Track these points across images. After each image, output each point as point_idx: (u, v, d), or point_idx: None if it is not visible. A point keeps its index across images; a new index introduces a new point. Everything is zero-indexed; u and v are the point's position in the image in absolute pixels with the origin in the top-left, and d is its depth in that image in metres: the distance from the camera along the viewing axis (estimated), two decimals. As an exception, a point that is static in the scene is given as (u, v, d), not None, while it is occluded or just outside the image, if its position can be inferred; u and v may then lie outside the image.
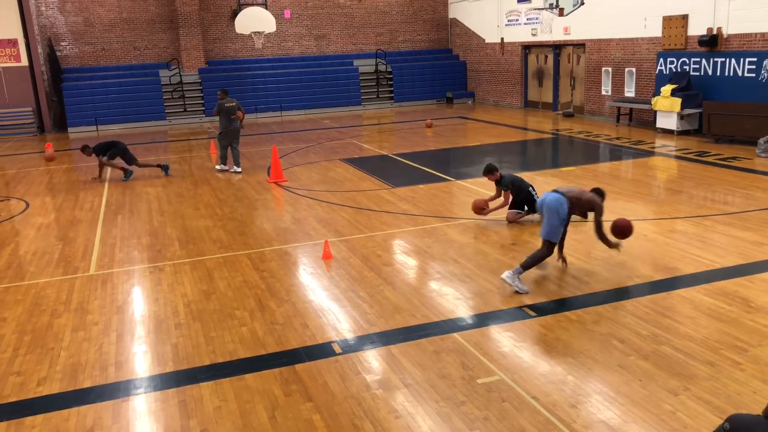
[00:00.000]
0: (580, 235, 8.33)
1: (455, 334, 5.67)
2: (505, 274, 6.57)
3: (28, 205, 11.49)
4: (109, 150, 13.24)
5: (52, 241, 9.23)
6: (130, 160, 13.40)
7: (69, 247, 8.87)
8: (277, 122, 22.37)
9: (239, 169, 13.60)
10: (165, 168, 13.70)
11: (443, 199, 10.62)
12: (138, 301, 6.84)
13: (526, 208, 9.09)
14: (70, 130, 21.94)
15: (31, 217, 10.64)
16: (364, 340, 5.66)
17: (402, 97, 25.67)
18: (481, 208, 9.10)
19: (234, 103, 13.65)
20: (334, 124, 20.91)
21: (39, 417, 4.67)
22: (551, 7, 15.54)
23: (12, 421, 4.62)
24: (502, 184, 9.06)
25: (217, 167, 13.94)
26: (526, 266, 6.58)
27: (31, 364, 5.48)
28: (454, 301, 6.45)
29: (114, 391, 5.02)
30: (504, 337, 5.59)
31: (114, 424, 4.54)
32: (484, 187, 11.08)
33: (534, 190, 9.14)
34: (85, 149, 13.37)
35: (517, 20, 22.54)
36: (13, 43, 21.17)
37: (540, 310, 6.11)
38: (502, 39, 23.48)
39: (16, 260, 8.43)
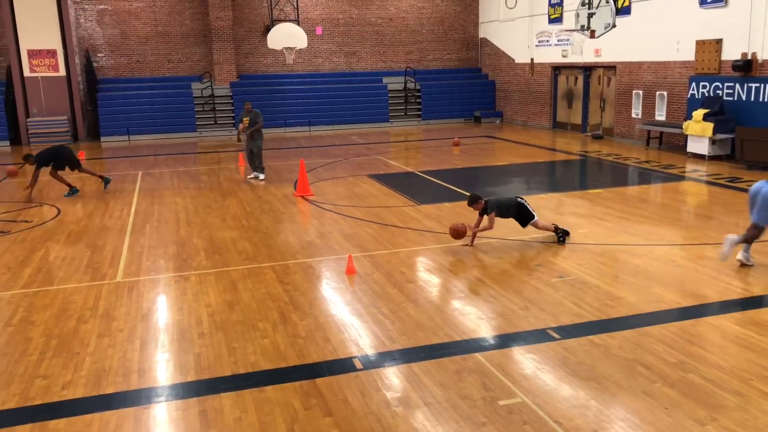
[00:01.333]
0: (605, 258, 8.23)
1: (477, 354, 5.63)
2: (733, 239, 7.45)
3: (59, 211, 11.72)
4: (53, 160, 12.91)
5: (82, 247, 9.39)
6: (74, 165, 13.15)
7: (97, 254, 9.01)
8: (305, 137, 22.56)
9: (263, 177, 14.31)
10: (106, 181, 13.58)
11: (468, 217, 10.55)
12: (163, 310, 6.91)
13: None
14: (102, 139, 22.38)
15: (62, 224, 10.84)
16: (385, 357, 5.64)
17: (430, 115, 25.73)
18: (461, 233, 8.71)
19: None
20: (362, 140, 21.03)
21: (63, 421, 4.72)
22: (582, 28, 15.50)
23: (36, 424, 4.68)
24: (487, 210, 8.79)
25: (253, 176, 14.39)
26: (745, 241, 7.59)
27: (56, 368, 5.56)
28: (476, 320, 6.40)
29: (136, 398, 5.06)
30: (527, 359, 5.53)
31: (135, 431, 4.58)
32: (510, 207, 11.01)
33: (524, 201, 8.98)
34: (27, 158, 12.97)
35: (547, 41, 22.52)
36: (52, 53, 21.73)
37: (564, 332, 6.04)
38: (532, 59, 23.47)
39: (46, 265, 8.58)
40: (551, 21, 22.09)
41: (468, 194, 9.17)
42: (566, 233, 8.99)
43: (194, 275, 7.96)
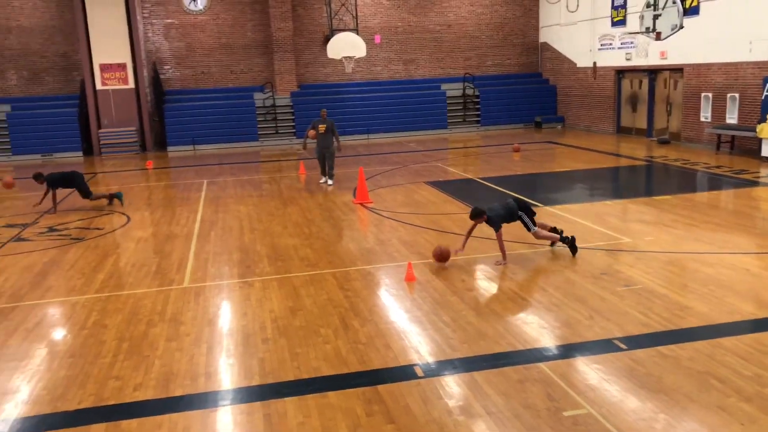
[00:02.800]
0: (673, 266, 7.96)
1: (541, 364, 5.53)
2: None
3: (129, 219, 12.16)
4: (62, 184, 12.97)
5: (150, 254, 9.72)
6: (85, 193, 13.10)
7: (165, 260, 9.30)
8: (364, 145, 22.73)
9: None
10: (118, 197, 13.40)
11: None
12: (228, 315, 7.07)
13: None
14: (169, 149, 23.13)
15: (131, 231, 11.25)
16: (446, 365, 5.61)
17: (489, 121, 25.52)
18: (445, 258, 8.30)
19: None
20: (420, 147, 21.03)
21: (134, 421, 4.89)
22: (648, 30, 15.08)
23: (111, 423, 4.86)
24: (491, 223, 8.48)
25: (330, 182, 14.80)
26: None
27: (128, 370, 5.76)
28: (539, 329, 6.30)
29: (203, 400, 5.20)
30: (592, 370, 5.39)
31: (202, 433, 4.70)
32: (575, 214, 10.81)
33: (520, 210, 8.65)
34: (37, 177, 13.04)
35: (610, 44, 22.02)
36: (122, 67, 22.63)
37: (631, 343, 5.87)
38: (595, 63, 22.99)
39: (117, 271, 8.92)
40: (614, 24, 21.59)
41: (522, 200, 8.98)
42: (574, 241, 8.56)
43: (258, 281, 8.12)
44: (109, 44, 22.30)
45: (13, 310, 7.44)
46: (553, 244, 8.85)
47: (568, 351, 5.81)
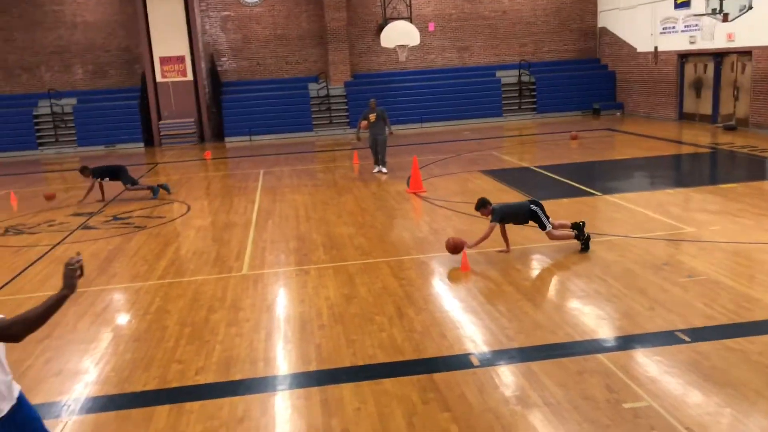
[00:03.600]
0: (740, 257, 7.67)
1: (599, 355, 5.43)
2: None
3: (189, 208, 12.49)
4: (109, 173, 13.38)
5: (209, 242, 9.96)
6: (132, 181, 13.49)
7: (224, 248, 9.52)
8: (418, 133, 22.67)
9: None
10: (165, 187, 13.70)
11: (588, 214, 10.21)
12: (285, 302, 7.20)
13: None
14: (226, 139, 23.60)
15: (192, 219, 11.55)
16: (502, 355, 5.57)
17: (545, 108, 25.06)
18: (459, 247, 8.07)
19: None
20: (474, 136, 20.84)
21: (196, 404, 5.04)
22: (714, 12, 14.49)
23: (174, 405, 5.03)
24: (493, 216, 8.28)
25: (381, 171, 14.83)
26: None
27: (190, 354, 5.94)
28: (598, 320, 6.18)
29: (262, 385, 5.31)
30: (653, 362, 5.26)
31: (262, 417, 4.81)
32: (634, 203, 10.54)
33: (539, 208, 8.33)
34: (84, 170, 13.49)
35: (673, 27, 21.26)
36: (181, 59, 23.18)
37: (695, 335, 5.69)
38: (656, 48, 22.25)
39: (178, 258, 9.19)
40: (678, 6, 20.80)
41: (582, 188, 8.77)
42: (588, 238, 8.22)
43: (314, 269, 8.23)
44: (168, 37, 22.87)
45: (81, 295, 7.75)
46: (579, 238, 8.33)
47: (628, 342, 5.68)
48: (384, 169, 14.81)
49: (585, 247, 8.18)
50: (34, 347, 6.26)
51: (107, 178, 13.46)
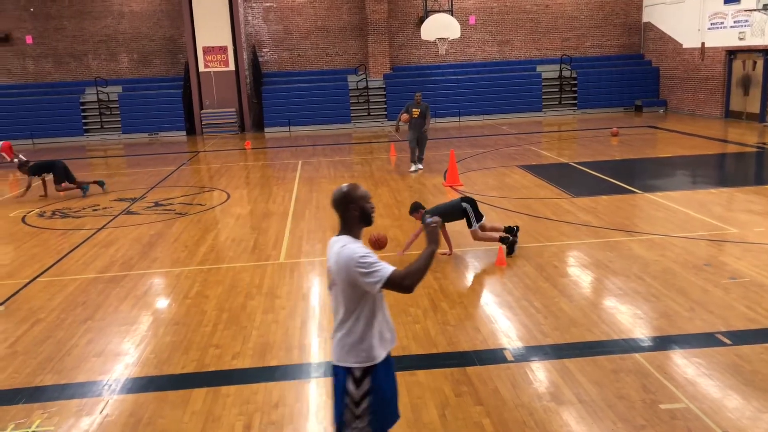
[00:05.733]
0: (787, 261, 7.47)
1: (636, 355, 5.36)
2: None
3: (228, 196, 12.68)
4: (46, 170, 13.01)
5: (248, 230, 10.11)
6: (71, 178, 13.09)
7: (262, 236, 9.65)
8: (455, 127, 22.57)
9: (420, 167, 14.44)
10: (100, 183, 13.49)
11: (628, 211, 10.06)
12: (321, 291, 7.27)
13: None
14: (266, 130, 23.85)
15: (231, 208, 11.73)
16: (537, 351, 5.55)
17: (586, 104, 24.68)
18: (381, 245, 7.94)
19: None
20: (513, 131, 20.66)
21: (233, 387, 5.14)
22: (765, 8, 14.07)
23: (211, 389, 5.14)
24: (423, 218, 8.19)
25: (420, 167, 14.47)
26: None
27: (227, 339, 6.06)
28: (635, 319, 6.10)
29: (297, 372, 5.39)
30: (692, 363, 5.18)
31: (296, 403, 4.88)
32: (675, 202, 10.34)
33: (468, 203, 8.22)
34: (22, 167, 13.19)
35: (722, 23, 20.71)
36: (223, 50, 23.47)
37: (735, 338, 5.58)
38: (703, 44, 21.70)
39: (217, 245, 9.35)
40: (727, 1, 20.25)
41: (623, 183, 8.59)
42: (514, 243, 8.11)
43: (349, 260, 8.26)
44: (211, 28, 23.17)
45: (124, 278, 7.96)
46: (503, 241, 8.19)
47: (665, 343, 5.60)
48: (420, 166, 14.51)
49: (510, 250, 8.07)
50: (78, 327, 6.46)
51: (44, 174, 13.07)
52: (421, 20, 23.14)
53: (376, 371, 3.39)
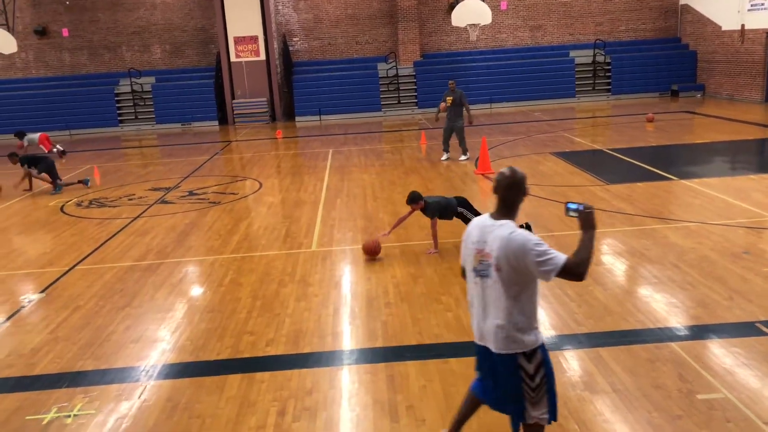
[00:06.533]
0: (831, 248, 7.27)
1: (672, 344, 5.28)
2: None
3: (261, 185, 12.79)
4: (36, 163, 13.16)
5: (280, 218, 10.20)
6: (54, 177, 13.17)
7: (294, 224, 9.73)
8: (486, 114, 22.38)
9: (448, 157, 14.16)
10: (85, 182, 13.48)
11: (664, 199, 9.88)
12: (352, 279, 7.31)
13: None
14: (297, 119, 23.96)
15: (263, 196, 11.84)
16: (570, 339, 5.50)
17: (621, 89, 24.23)
18: (374, 250, 7.82)
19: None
20: (545, 117, 20.40)
21: (267, 374, 5.21)
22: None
23: (245, 375, 5.22)
24: (428, 211, 8.00)
25: (463, 158, 14.06)
26: None
27: (261, 326, 6.13)
28: (672, 308, 6.00)
29: (330, 358, 5.44)
30: (730, 353, 5.08)
31: (330, 389, 4.93)
32: (713, 189, 10.12)
33: (465, 209, 8.06)
34: (12, 156, 13.43)
35: (762, 4, 20.09)
36: (254, 39, 23.59)
37: (776, 327, 5.46)
38: (743, 26, 21.10)
39: (250, 233, 9.45)
40: (768, -19, 19.64)
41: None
42: None
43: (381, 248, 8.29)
44: (242, 18, 23.29)
45: (159, 266, 8.11)
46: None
47: (703, 332, 5.50)
48: (463, 157, 14.04)
49: None
50: (116, 314, 6.61)
51: (32, 167, 13.18)
52: (452, 6, 22.93)
53: (542, 344, 3.45)
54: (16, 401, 5.02)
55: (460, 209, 8.07)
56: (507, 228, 3.34)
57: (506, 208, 3.43)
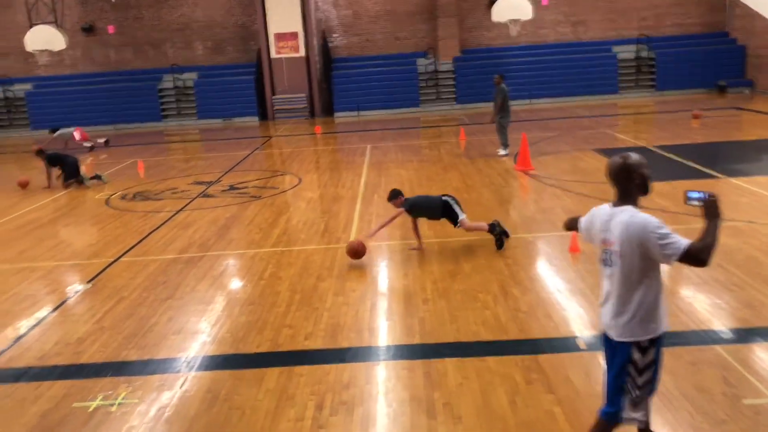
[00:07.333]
0: None
1: (717, 347, 5.16)
2: None
3: (300, 180, 12.91)
4: (61, 164, 13.38)
5: (319, 213, 10.28)
6: (75, 174, 13.36)
7: (333, 219, 9.79)
8: (526, 110, 22.13)
9: (506, 152, 13.98)
10: (100, 177, 13.61)
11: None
12: (390, 274, 7.33)
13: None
14: (335, 114, 24.07)
15: (302, 191, 11.94)
16: (611, 339, 5.41)
17: (665, 85, 23.70)
18: (359, 252, 7.62)
19: (508, 88, 14.11)
20: (587, 113, 20.08)
21: (305, 368, 5.27)
22: None
23: (285, 368, 5.28)
24: (412, 212, 7.89)
25: (501, 152, 14.02)
26: None
27: (300, 320, 6.20)
28: (716, 310, 5.86)
29: (367, 354, 5.47)
30: (778, 357, 4.94)
31: (367, 384, 4.95)
32: (762, 187, 9.83)
33: (451, 199, 7.90)
34: (39, 153, 13.56)
35: (816, -4, 19.38)
36: (294, 36, 23.77)
37: (827, 332, 5.28)
38: (795, 19, 20.40)
39: (290, 228, 9.56)
40: (823, -28, 18.93)
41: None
42: (504, 234, 7.80)
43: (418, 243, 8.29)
44: (282, 14, 23.48)
45: (201, 258, 8.26)
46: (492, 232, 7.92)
47: (749, 335, 5.36)
48: (501, 151, 14.03)
49: (500, 243, 7.80)
50: (159, 306, 6.76)
51: (56, 166, 13.45)
52: (492, 2, 22.72)
53: (660, 340, 3.39)
54: (64, 388, 5.18)
55: (446, 199, 7.90)
56: (627, 213, 3.34)
57: (623, 195, 3.44)
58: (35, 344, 6.06)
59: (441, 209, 7.97)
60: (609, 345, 3.48)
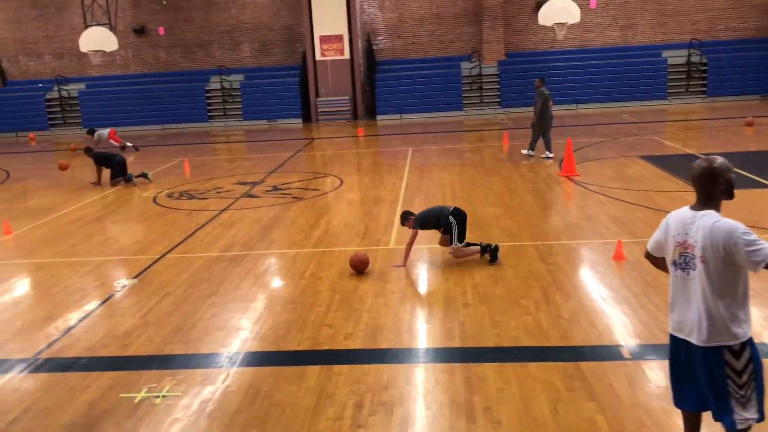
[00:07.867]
0: None
1: (766, 360, 4.98)
2: None
3: (342, 182, 12.99)
4: (109, 164, 13.59)
5: (360, 215, 10.32)
6: (123, 173, 13.61)
7: (373, 221, 9.82)
8: (572, 115, 21.83)
9: (551, 155, 13.85)
10: (146, 175, 13.84)
11: (763, 207, 9.35)
12: (430, 277, 7.31)
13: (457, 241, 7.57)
14: (378, 117, 24.15)
15: (344, 193, 12.01)
16: (656, 350, 5.29)
17: (717, 91, 23.08)
18: (363, 263, 7.43)
19: (549, 92, 14.12)
20: (634, 119, 19.70)
21: (345, 367, 5.29)
22: None
23: (324, 366, 5.31)
24: (416, 226, 7.64)
25: (525, 152, 14.33)
26: None
27: (340, 319, 6.23)
28: (766, 322, 5.67)
29: (407, 355, 5.47)
30: (834, 374, 4.75)
31: (406, 386, 4.95)
32: (816, 198, 9.49)
33: (456, 218, 7.58)
34: (87, 151, 13.93)
35: None
36: (339, 38, 23.94)
37: None
38: None
39: (331, 229, 9.62)
40: None
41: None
42: (489, 248, 7.59)
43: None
44: (328, 16, 23.68)
45: (245, 257, 8.38)
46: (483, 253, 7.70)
47: (803, 350, 5.17)
48: (524, 151, 14.40)
49: (493, 257, 7.59)
50: (203, 302, 6.88)
51: (103, 165, 13.68)
52: (539, 5, 22.49)
53: (751, 341, 3.37)
54: (110, 379, 5.32)
55: (452, 219, 7.61)
56: (710, 217, 3.26)
57: (705, 199, 3.35)
58: (84, 336, 6.24)
59: (445, 224, 7.66)
60: (686, 351, 3.41)
